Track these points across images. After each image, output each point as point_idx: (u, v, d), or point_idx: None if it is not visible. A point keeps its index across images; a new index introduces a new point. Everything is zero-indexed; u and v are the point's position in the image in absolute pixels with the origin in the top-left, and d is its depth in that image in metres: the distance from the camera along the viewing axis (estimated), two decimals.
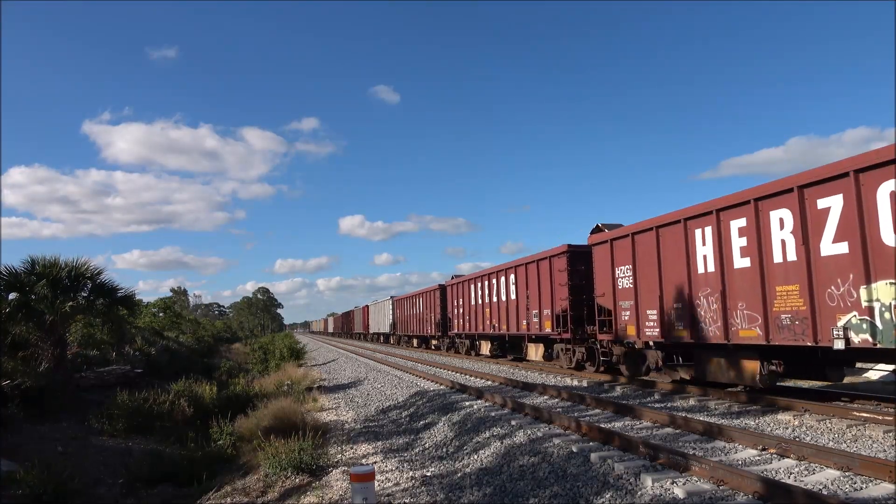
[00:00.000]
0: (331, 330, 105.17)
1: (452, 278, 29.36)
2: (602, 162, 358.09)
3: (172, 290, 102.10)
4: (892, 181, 7.88)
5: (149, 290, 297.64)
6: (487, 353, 24.67)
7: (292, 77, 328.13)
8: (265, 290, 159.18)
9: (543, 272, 18.38)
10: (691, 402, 11.27)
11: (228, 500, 8.90)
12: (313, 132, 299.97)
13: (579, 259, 16.71)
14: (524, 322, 19.72)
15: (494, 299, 22.55)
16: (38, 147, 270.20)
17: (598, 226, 15.95)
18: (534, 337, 19.31)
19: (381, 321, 49.56)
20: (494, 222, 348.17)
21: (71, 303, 16.47)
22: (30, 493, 8.94)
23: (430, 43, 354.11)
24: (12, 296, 16.31)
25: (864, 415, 8.64)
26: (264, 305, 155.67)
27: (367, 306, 57.74)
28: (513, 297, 20.73)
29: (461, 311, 27.09)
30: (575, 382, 15.25)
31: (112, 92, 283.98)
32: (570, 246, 17.05)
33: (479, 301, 24.33)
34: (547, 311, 17.99)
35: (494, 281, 22.73)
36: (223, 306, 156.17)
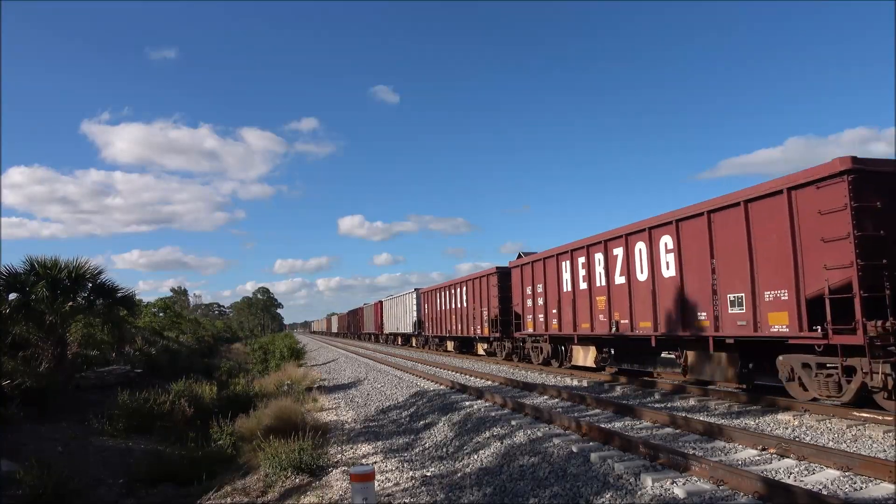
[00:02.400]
0: (335, 330, 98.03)
1: (520, 256, 21.03)
2: (601, 162, 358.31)
3: (172, 290, 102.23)
4: None
5: (149, 290, 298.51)
6: (590, 363, 16.39)
7: (292, 77, 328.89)
8: (265, 290, 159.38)
9: (809, 209, 9.26)
10: (692, 402, 11.26)
11: (228, 500, 8.91)
12: (313, 132, 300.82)
13: None
14: (705, 313, 11.36)
15: (619, 279, 14.14)
16: (37, 147, 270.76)
17: None
18: (787, 342, 9.72)
19: (400, 319, 41.99)
20: (494, 222, 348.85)
21: (71, 303, 16.48)
22: (30, 493, 8.94)
23: (430, 43, 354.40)
24: (12, 296, 16.32)
25: (864, 415, 8.63)
26: (264, 305, 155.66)
27: (381, 302, 49.54)
28: (666, 273, 12.49)
29: (539, 302, 18.47)
30: (575, 382, 15.24)
31: (111, 92, 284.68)
32: None
33: (583, 284, 15.73)
34: (820, 285, 8.87)
35: (619, 251, 14.08)
36: (223, 306, 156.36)
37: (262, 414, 12.18)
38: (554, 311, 17.66)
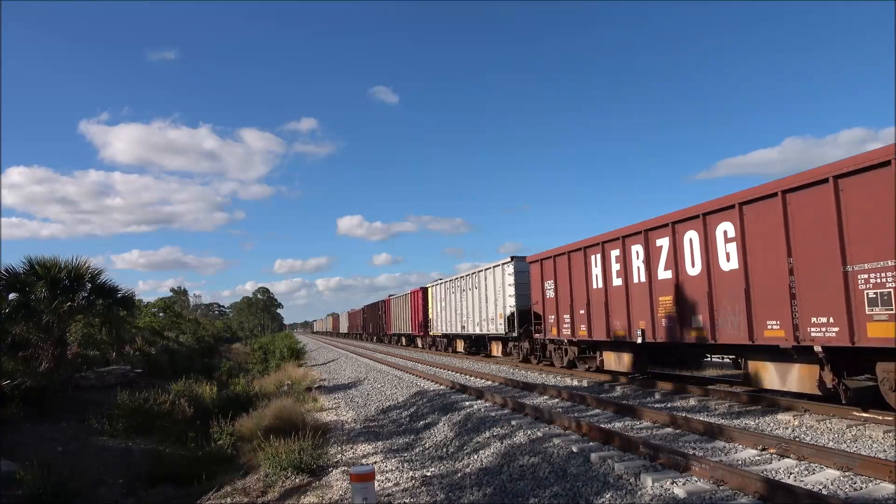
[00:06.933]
0: (343, 330, 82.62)
1: None
2: (599, 162, 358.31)
3: (172, 290, 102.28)
4: None
5: (149, 290, 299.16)
6: None
7: (291, 77, 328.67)
8: (265, 290, 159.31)
9: None
10: (692, 402, 11.26)
11: (228, 500, 8.90)
12: (312, 133, 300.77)
13: None
14: None
15: None
16: (36, 147, 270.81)
17: None
18: None
19: (469, 313, 26.32)
20: (493, 223, 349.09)
21: (69, 303, 16.46)
22: (30, 493, 8.93)
23: (430, 43, 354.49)
24: (12, 296, 16.31)
25: (864, 415, 8.63)
26: (264, 305, 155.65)
27: (426, 289, 34.26)
28: None
29: None
30: (575, 382, 15.23)
31: (110, 92, 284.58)
32: None
33: None
34: None
35: None
36: (223, 306, 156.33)
37: (262, 414, 12.18)
38: None
